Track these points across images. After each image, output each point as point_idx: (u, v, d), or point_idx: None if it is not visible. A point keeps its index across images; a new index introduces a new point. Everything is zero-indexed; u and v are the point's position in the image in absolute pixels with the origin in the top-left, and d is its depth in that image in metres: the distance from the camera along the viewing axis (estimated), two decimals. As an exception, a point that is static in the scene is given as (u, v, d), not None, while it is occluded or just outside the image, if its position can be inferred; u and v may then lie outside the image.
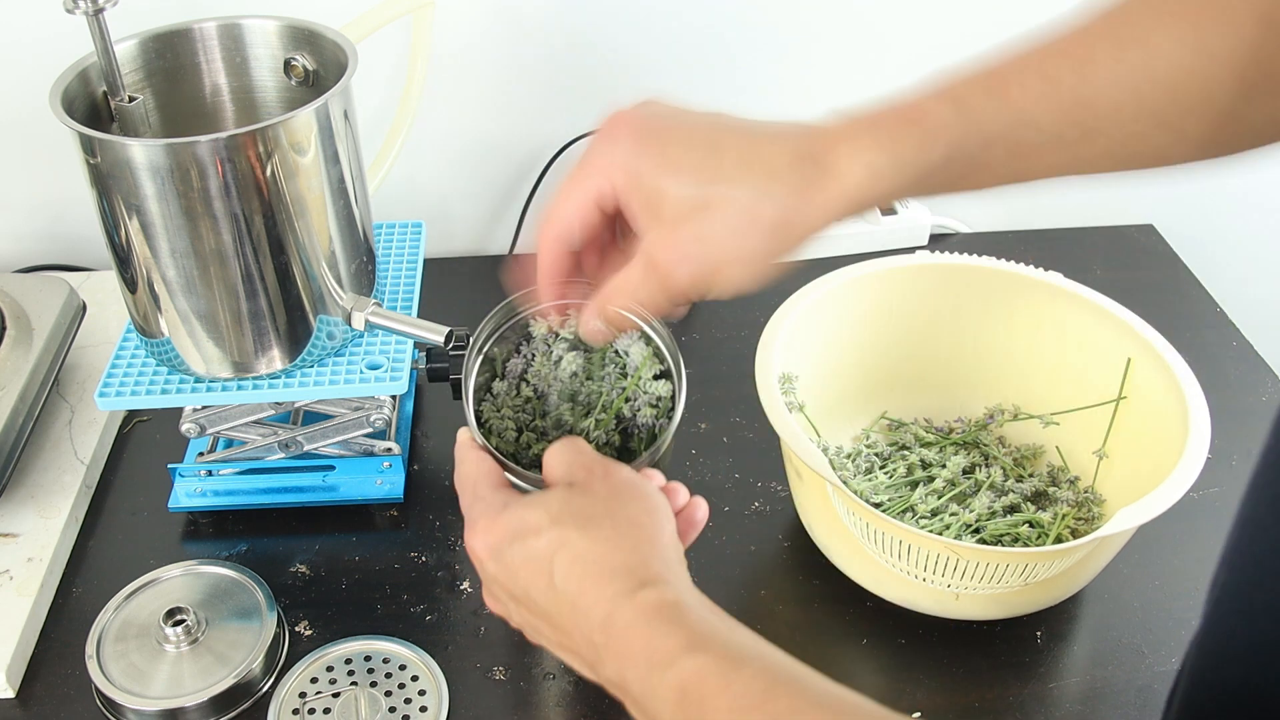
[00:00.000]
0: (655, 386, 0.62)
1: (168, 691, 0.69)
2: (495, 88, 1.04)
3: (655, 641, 0.46)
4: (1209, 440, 0.70)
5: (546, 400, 0.64)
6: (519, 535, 0.51)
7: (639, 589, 0.48)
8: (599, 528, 0.50)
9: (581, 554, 0.49)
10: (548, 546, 0.50)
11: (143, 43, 0.74)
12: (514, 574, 0.51)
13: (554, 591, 0.50)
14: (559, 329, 0.63)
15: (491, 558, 0.52)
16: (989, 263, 0.84)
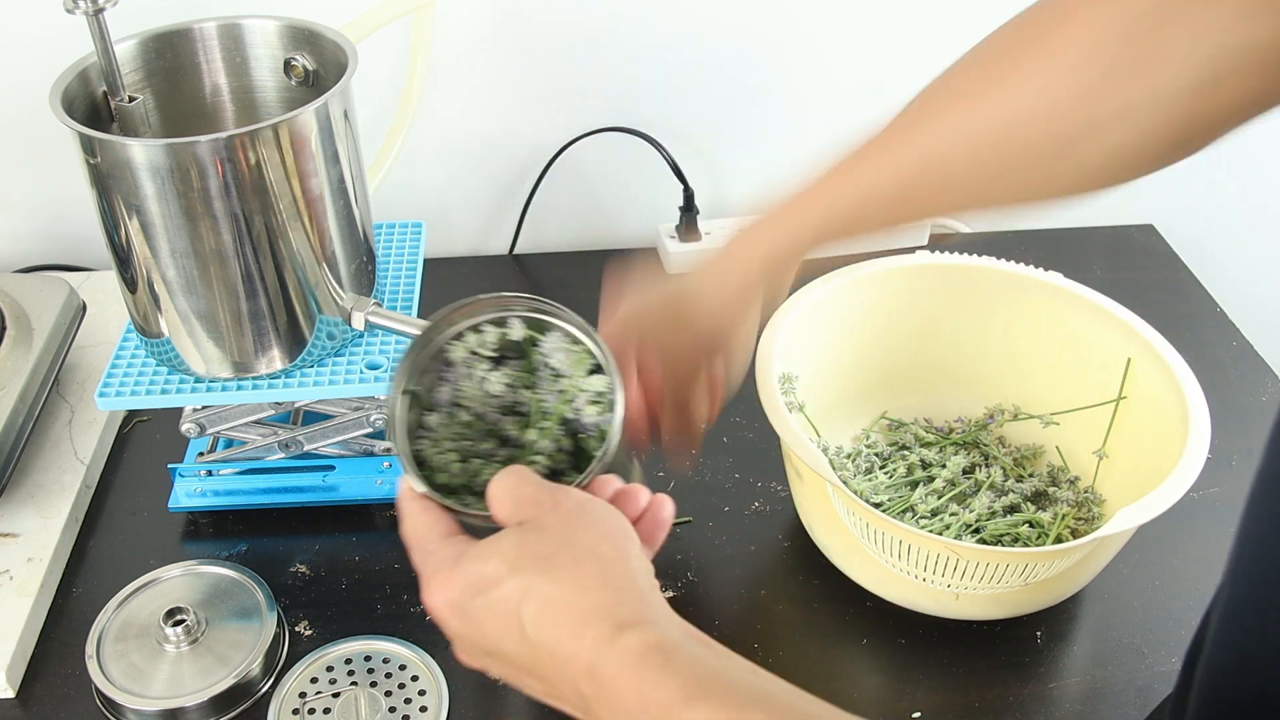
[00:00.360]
0: (592, 382, 0.59)
1: (168, 691, 0.69)
2: (495, 88, 1.05)
3: (648, 692, 0.44)
4: (1209, 440, 0.70)
5: (485, 419, 0.61)
6: (479, 588, 0.48)
7: (619, 632, 0.45)
8: (560, 568, 0.47)
9: (549, 599, 0.47)
10: (511, 596, 0.47)
11: (143, 43, 0.74)
12: (482, 629, 0.49)
13: (528, 643, 0.47)
14: (477, 348, 0.60)
15: (455, 615, 0.49)
16: (989, 263, 0.84)
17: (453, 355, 0.60)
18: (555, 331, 0.60)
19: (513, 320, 0.60)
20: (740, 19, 1.04)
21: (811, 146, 0.62)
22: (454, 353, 0.60)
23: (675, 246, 1.09)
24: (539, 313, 0.60)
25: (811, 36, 1.05)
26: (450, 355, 0.60)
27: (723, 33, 1.04)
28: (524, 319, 0.60)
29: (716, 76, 1.07)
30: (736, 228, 0.65)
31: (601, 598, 0.47)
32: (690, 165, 1.09)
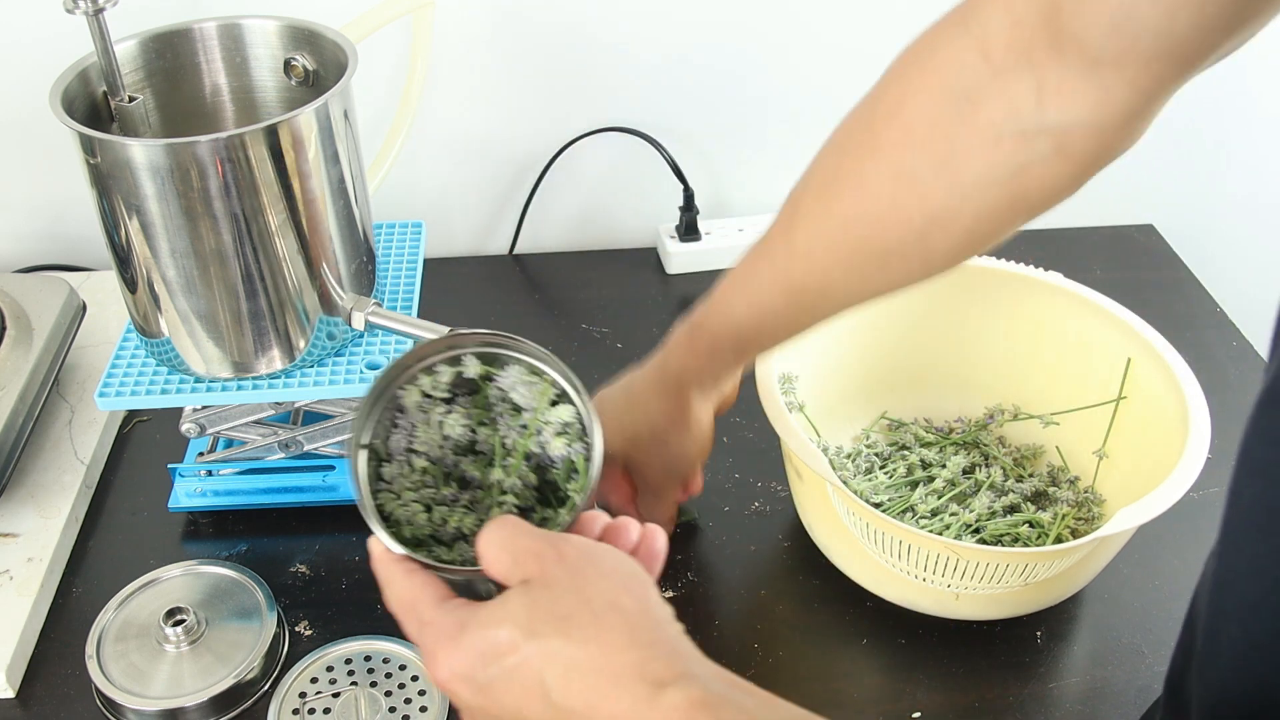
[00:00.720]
0: (557, 413, 0.56)
1: (168, 691, 0.69)
2: (495, 88, 1.05)
3: None
4: (1209, 440, 0.70)
5: (444, 463, 0.58)
6: (492, 658, 0.45)
7: (659, 691, 0.43)
8: (582, 626, 0.44)
9: (575, 663, 0.44)
10: (531, 663, 0.44)
11: (143, 43, 0.74)
12: (498, 700, 0.45)
13: (555, 709, 0.44)
14: (429, 390, 0.57)
15: (467, 687, 0.46)
16: (989, 262, 0.84)
17: (405, 401, 0.56)
18: (514, 365, 0.57)
19: (467, 358, 0.57)
20: (740, 19, 1.04)
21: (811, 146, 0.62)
22: (406, 398, 0.56)
23: (675, 246, 1.09)
24: (494, 346, 0.57)
25: (811, 37, 1.05)
26: (403, 401, 0.57)
27: (723, 33, 1.04)
28: (479, 354, 0.57)
29: (716, 76, 1.07)
30: (695, 307, 0.69)
31: (633, 656, 0.44)
32: (690, 165, 1.09)
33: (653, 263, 1.11)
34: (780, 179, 1.25)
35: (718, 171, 1.13)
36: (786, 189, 0.63)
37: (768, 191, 1.14)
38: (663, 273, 1.10)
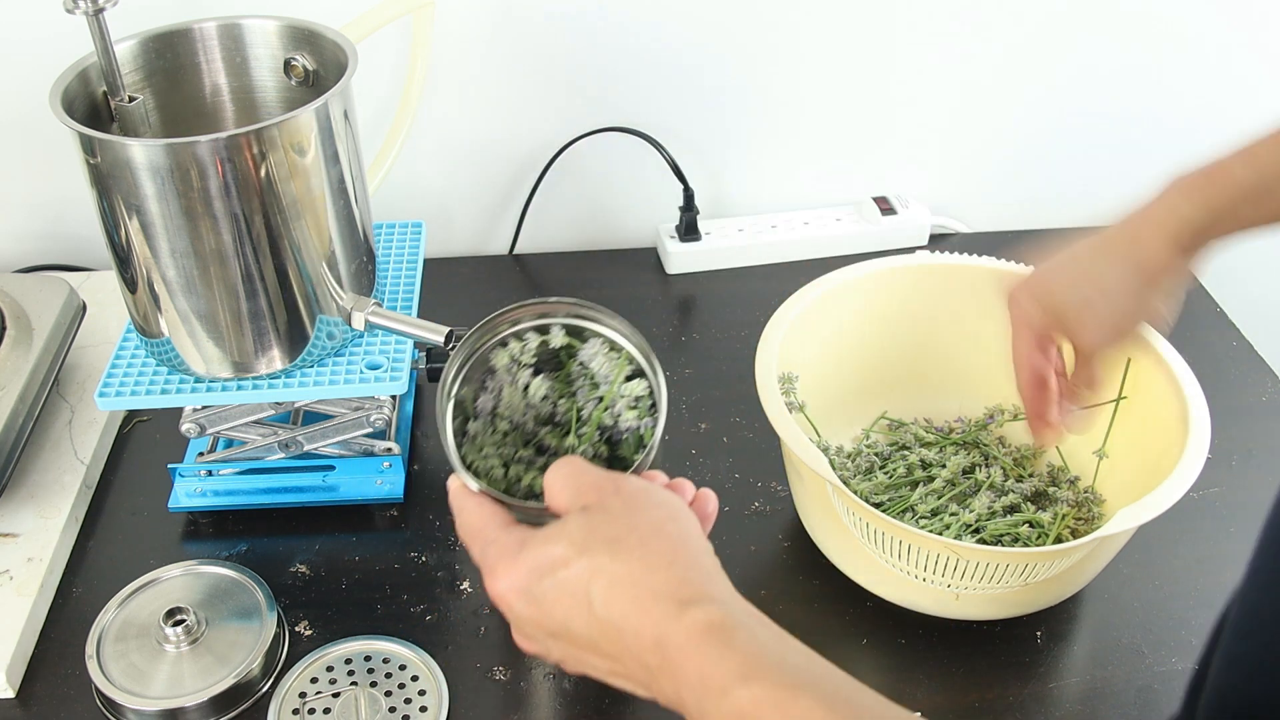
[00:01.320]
0: (630, 388, 0.61)
1: (168, 691, 0.69)
2: (495, 88, 1.05)
3: (708, 668, 0.45)
4: (1209, 440, 0.70)
5: (524, 429, 0.62)
6: (546, 570, 0.49)
7: (686, 609, 0.47)
8: (629, 548, 0.49)
9: (619, 578, 0.48)
10: (580, 576, 0.49)
11: (143, 43, 0.74)
12: (548, 610, 0.50)
13: (597, 620, 0.48)
14: (518, 356, 0.62)
15: (520, 599, 0.50)
16: (989, 263, 0.84)
17: (495, 363, 0.62)
18: (596, 339, 0.61)
19: (554, 328, 0.62)
20: (741, 19, 1.04)
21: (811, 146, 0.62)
22: (497, 360, 0.62)
23: (675, 246, 1.09)
24: (580, 318, 0.62)
25: (812, 37, 1.05)
26: (494, 363, 0.62)
27: (723, 33, 1.04)
28: (565, 326, 0.62)
29: (717, 77, 1.07)
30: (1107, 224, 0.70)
31: (669, 575, 0.48)
32: (690, 165, 1.09)
33: (653, 263, 1.11)
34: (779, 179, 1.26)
35: (718, 171, 1.13)
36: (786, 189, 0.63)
37: (768, 191, 1.14)
38: (663, 273, 1.10)
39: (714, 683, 0.45)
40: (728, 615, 0.47)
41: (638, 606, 0.48)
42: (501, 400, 0.62)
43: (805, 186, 1.14)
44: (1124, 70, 1.10)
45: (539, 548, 0.50)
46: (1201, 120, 1.14)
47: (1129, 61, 1.09)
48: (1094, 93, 1.11)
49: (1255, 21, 1.09)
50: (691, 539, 0.51)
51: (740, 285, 1.08)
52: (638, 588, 0.48)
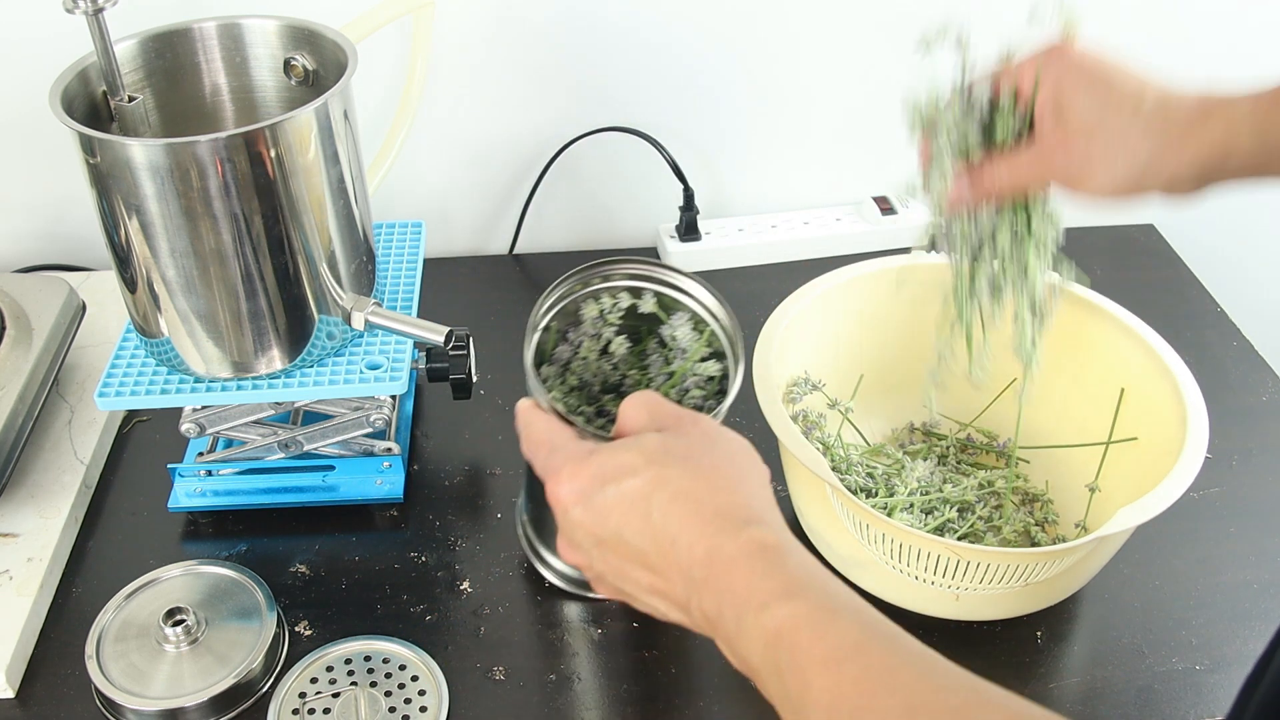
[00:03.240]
0: (704, 368, 0.62)
1: (168, 691, 0.69)
2: (495, 88, 1.05)
3: (755, 582, 0.46)
4: (1207, 440, 0.70)
5: (590, 390, 0.64)
6: (612, 477, 0.51)
7: (743, 527, 0.48)
8: (699, 468, 0.50)
9: (683, 491, 0.49)
10: (645, 485, 0.50)
11: (143, 43, 0.74)
12: (604, 516, 0.51)
13: (651, 530, 0.49)
14: (607, 310, 0.63)
15: (578, 502, 0.51)
16: (989, 263, 0.84)
17: (584, 313, 0.63)
18: (684, 312, 0.63)
19: (647, 293, 0.63)
20: (741, 19, 1.04)
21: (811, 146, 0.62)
22: (586, 311, 0.63)
23: (675, 246, 1.09)
24: (676, 289, 0.63)
25: (812, 37, 1.05)
26: (582, 313, 0.63)
27: (723, 33, 1.04)
28: (658, 294, 0.63)
29: (716, 76, 1.07)
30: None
31: (732, 498, 0.50)
32: (690, 165, 1.09)
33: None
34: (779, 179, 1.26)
35: (718, 171, 1.13)
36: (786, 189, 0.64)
37: (768, 191, 1.14)
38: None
39: (757, 597, 0.46)
40: (782, 540, 0.48)
41: (697, 519, 0.49)
42: (577, 356, 0.64)
43: (805, 186, 1.14)
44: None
45: (610, 455, 0.51)
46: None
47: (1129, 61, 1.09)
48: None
49: (1256, 21, 1.09)
50: (757, 475, 0.53)
51: (740, 285, 1.08)
52: (700, 503, 0.49)
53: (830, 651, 0.43)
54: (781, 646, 0.44)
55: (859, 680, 0.42)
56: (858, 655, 0.43)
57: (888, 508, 0.77)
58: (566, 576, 0.76)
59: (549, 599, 0.77)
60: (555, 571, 0.77)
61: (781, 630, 0.45)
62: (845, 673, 0.42)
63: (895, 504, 0.77)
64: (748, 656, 0.46)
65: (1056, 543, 0.79)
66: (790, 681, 0.44)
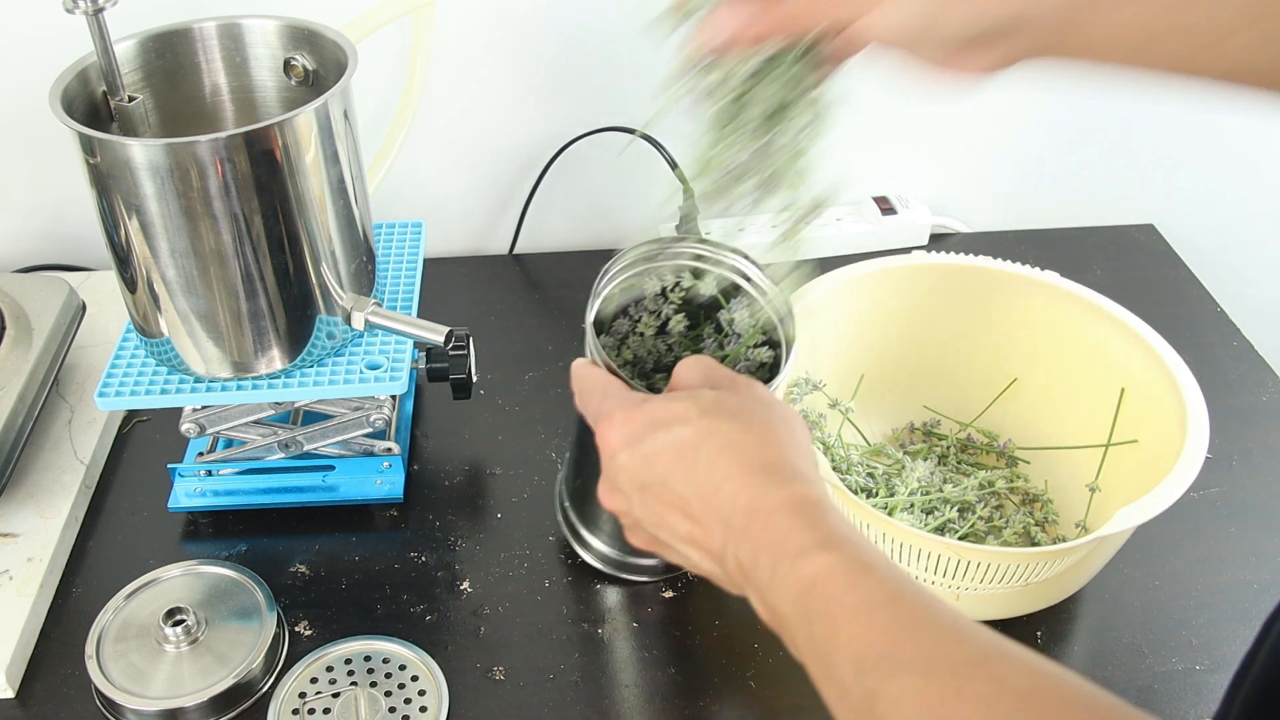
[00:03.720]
0: (758, 353, 0.63)
1: (168, 691, 0.69)
2: (495, 88, 1.04)
3: (793, 533, 0.47)
4: (1207, 439, 0.70)
5: (641, 368, 0.65)
6: (663, 424, 0.52)
7: (788, 482, 0.49)
8: (750, 423, 0.51)
9: (733, 443, 0.50)
10: (696, 435, 0.51)
11: (142, 43, 0.74)
12: (651, 461, 0.52)
13: (696, 478, 0.50)
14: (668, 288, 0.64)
15: (627, 446, 0.53)
16: (988, 262, 0.84)
17: (646, 288, 0.64)
18: (745, 296, 0.63)
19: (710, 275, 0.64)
20: (740, 19, 1.03)
21: (811, 146, 0.62)
22: (648, 286, 0.64)
23: (675, 246, 1.09)
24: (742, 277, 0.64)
25: (811, 36, 1.05)
26: (645, 289, 0.64)
27: (723, 33, 1.04)
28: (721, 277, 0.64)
29: (716, 76, 1.07)
30: None
31: (780, 456, 0.51)
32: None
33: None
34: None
35: (718, 171, 1.13)
36: (785, 189, 0.64)
37: (768, 191, 1.14)
38: (663, 272, 1.10)
39: (794, 546, 0.47)
40: (825, 498, 0.49)
41: (743, 471, 0.50)
42: (634, 332, 0.65)
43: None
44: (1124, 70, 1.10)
45: (663, 403, 0.53)
46: (1201, 120, 1.14)
47: (1129, 61, 1.09)
48: (1094, 93, 1.11)
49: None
50: (805, 441, 0.54)
51: (740, 285, 1.08)
52: (749, 455, 0.50)
53: (862, 602, 0.44)
54: (814, 595, 0.45)
55: (887, 630, 0.43)
56: (889, 607, 0.43)
57: (888, 508, 0.77)
58: (605, 557, 0.76)
59: (549, 599, 0.77)
60: (595, 553, 0.77)
61: (816, 579, 0.45)
62: (875, 622, 0.43)
63: (896, 504, 0.77)
64: (778, 604, 0.47)
65: (1057, 542, 0.79)
66: (819, 629, 0.45)
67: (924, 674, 0.41)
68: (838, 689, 0.44)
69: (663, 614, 0.76)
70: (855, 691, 0.42)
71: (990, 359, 0.86)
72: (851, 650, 0.43)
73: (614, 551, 0.76)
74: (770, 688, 0.72)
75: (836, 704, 0.44)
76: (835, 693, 0.44)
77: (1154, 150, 1.15)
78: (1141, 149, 1.15)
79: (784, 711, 0.71)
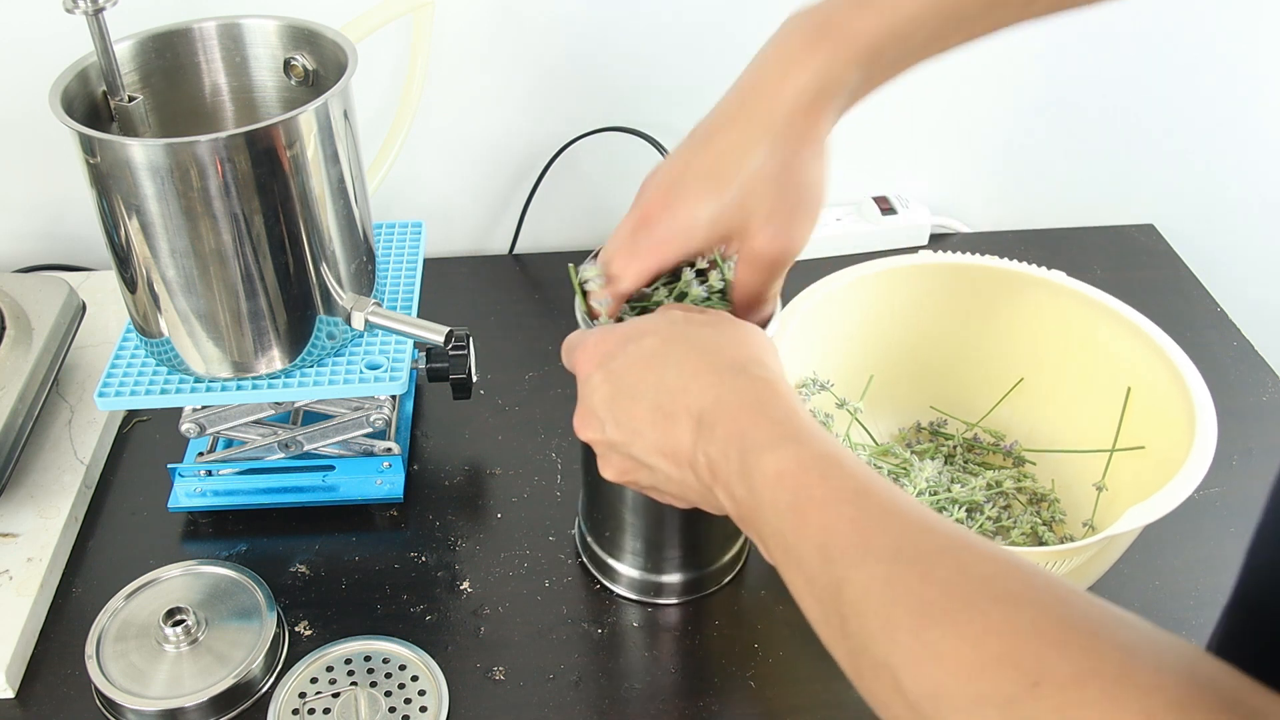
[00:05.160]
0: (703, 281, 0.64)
1: (167, 692, 0.69)
2: (495, 87, 1.05)
3: (762, 425, 0.48)
4: (1215, 437, 0.70)
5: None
6: (633, 337, 0.54)
7: (754, 379, 0.50)
8: (715, 330, 0.53)
9: (701, 344, 0.52)
10: (663, 343, 0.53)
11: (142, 43, 0.74)
12: (622, 373, 0.53)
13: (667, 380, 0.51)
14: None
15: (599, 364, 0.54)
16: (995, 262, 0.84)
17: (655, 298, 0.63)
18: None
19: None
20: (740, 19, 1.04)
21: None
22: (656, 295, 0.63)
23: (675, 246, 1.09)
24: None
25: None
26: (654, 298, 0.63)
27: (723, 33, 1.04)
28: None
29: (717, 76, 1.07)
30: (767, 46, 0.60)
31: (743, 354, 0.52)
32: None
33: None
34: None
35: (718, 171, 1.13)
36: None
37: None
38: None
39: (762, 437, 0.47)
40: (790, 393, 0.50)
41: (712, 369, 0.51)
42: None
43: (805, 186, 1.14)
44: (1124, 70, 1.10)
45: (634, 322, 0.55)
46: (1200, 120, 1.14)
47: (1129, 61, 1.09)
48: (1094, 93, 1.11)
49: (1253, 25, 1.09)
50: (770, 349, 0.54)
51: (740, 285, 1.08)
52: (718, 355, 0.52)
53: (830, 494, 0.44)
54: (783, 487, 0.46)
55: (855, 519, 0.43)
56: (857, 499, 0.44)
57: None
58: (633, 582, 0.76)
59: (549, 599, 0.77)
60: (623, 580, 0.76)
61: (784, 472, 0.46)
62: (843, 513, 0.44)
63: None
64: (744, 496, 0.48)
65: (1064, 542, 0.78)
66: (786, 521, 0.45)
67: (890, 561, 0.41)
68: (804, 578, 0.44)
69: (663, 614, 0.76)
70: (822, 579, 0.43)
71: (997, 358, 0.86)
72: (819, 540, 0.44)
73: (640, 573, 0.76)
74: (770, 688, 0.72)
75: (803, 592, 0.45)
76: (802, 581, 0.45)
77: (1154, 150, 1.15)
78: (1141, 149, 1.15)
79: (784, 712, 0.71)
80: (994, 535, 0.78)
